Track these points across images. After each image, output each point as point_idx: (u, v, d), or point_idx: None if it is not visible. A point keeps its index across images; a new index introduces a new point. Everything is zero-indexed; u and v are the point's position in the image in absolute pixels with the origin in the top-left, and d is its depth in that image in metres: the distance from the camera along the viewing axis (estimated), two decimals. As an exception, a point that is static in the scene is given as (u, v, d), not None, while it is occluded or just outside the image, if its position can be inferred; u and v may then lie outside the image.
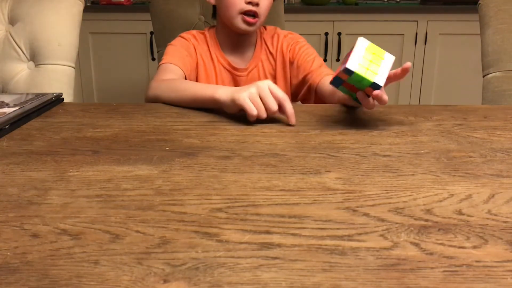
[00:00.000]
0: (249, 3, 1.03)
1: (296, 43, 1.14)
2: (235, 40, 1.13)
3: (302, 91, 1.13)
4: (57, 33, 1.14)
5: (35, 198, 0.53)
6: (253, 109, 0.78)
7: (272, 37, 1.16)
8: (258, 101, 0.78)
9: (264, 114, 0.79)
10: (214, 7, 1.14)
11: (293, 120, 0.79)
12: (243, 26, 1.05)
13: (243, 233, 0.45)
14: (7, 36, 1.15)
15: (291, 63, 1.13)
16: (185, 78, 1.05)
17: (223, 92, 0.83)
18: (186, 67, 1.06)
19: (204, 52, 1.13)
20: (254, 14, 1.04)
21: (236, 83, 1.14)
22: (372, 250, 0.42)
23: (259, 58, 1.15)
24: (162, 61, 1.06)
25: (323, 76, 1.05)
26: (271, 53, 1.15)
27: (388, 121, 0.82)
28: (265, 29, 1.17)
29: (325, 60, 2.33)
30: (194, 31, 1.16)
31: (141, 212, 0.49)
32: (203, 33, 1.15)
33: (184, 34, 1.14)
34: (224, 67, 1.13)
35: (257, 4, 1.03)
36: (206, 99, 0.86)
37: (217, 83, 1.13)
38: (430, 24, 2.29)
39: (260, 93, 0.79)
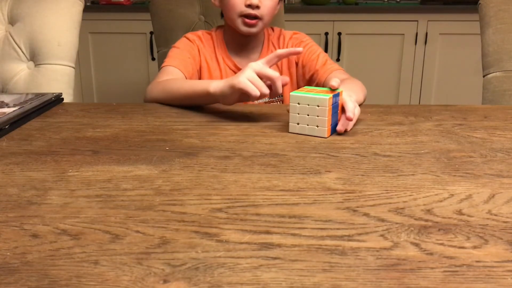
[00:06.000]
0: (248, 6, 1.03)
1: (300, 43, 1.14)
2: (241, 41, 1.13)
3: None
4: (57, 33, 1.14)
5: (35, 198, 0.53)
6: (255, 89, 0.78)
7: (278, 38, 1.16)
8: (257, 80, 0.79)
9: (266, 91, 0.79)
10: None
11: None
12: (243, 28, 1.06)
13: (243, 233, 0.45)
14: (7, 36, 1.15)
15: (297, 63, 1.14)
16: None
17: (216, 85, 0.83)
18: (187, 69, 1.06)
19: (209, 54, 1.13)
20: (254, 16, 1.04)
21: None
22: (372, 250, 0.42)
23: None
24: (164, 64, 1.06)
25: (329, 74, 1.05)
26: None
27: (388, 121, 0.82)
28: (273, 30, 1.17)
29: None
30: (200, 32, 1.15)
31: (141, 212, 0.49)
32: (209, 34, 1.15)
33: (189, 35, 1.14)
34: (230, 68, 1.13)
35: (257, 7, 1.04)
36: (200, 94, 0.87)
37: None
38: (430, 24, 2.29)
39: (257, 72, 0.79)
